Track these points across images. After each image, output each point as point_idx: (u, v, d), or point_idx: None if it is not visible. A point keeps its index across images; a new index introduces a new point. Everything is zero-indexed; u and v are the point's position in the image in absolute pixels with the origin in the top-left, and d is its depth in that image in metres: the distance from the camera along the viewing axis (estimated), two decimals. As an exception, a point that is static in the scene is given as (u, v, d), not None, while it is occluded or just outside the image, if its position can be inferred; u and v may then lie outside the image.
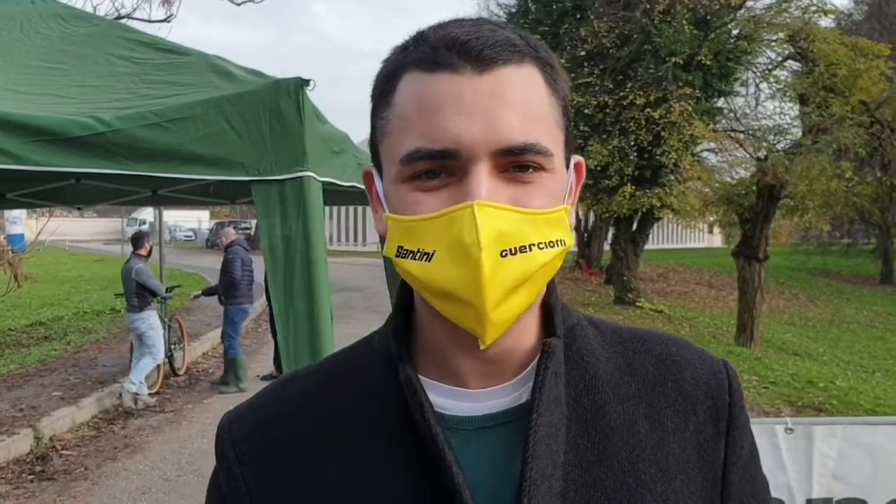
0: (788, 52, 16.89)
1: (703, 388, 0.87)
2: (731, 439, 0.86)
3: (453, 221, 0.73)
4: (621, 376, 0.86)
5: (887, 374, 13.64)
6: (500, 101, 0.73)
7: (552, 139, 0.77)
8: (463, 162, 0.73)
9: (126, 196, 6.55)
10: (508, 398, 0.82)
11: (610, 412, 0.83)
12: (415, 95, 0.76)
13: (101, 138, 2.81)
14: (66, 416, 7.75)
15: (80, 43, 3.91)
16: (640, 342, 0.90)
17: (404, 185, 0.77)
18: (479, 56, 0.74)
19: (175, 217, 49.62)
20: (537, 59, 0.78)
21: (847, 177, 14.12)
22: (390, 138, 0.78)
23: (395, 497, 0.79)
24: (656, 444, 0.83)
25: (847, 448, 2.73)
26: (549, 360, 0.81)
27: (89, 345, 11.93)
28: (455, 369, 0.82)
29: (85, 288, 20.49)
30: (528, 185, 0.75)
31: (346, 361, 0.90)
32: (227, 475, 0.86)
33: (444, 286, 0.74)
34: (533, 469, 0.76)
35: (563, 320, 0.86)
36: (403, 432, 0.80)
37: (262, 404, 0.90)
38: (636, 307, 18.11)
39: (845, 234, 34.47)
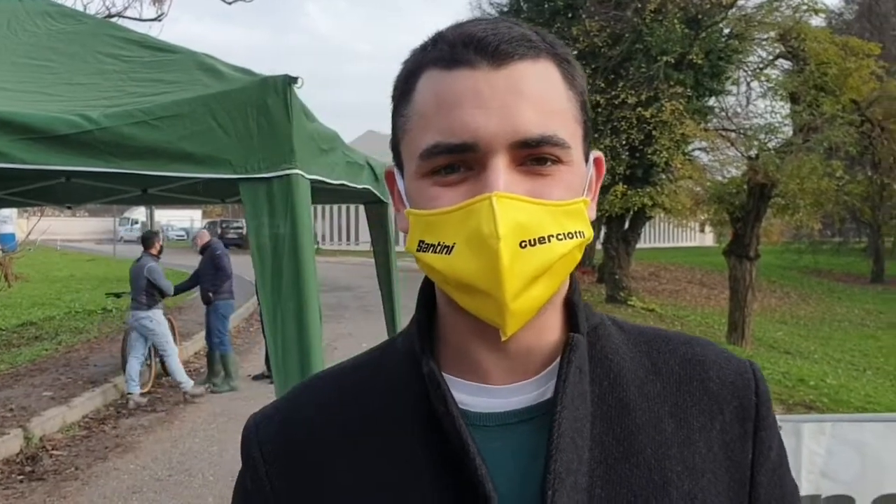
0: (779, 51, 16.96)
1: (729, 388, 0.86)
2: (759, 440, 0.86)
3: (472, 213, 0.74)
4: (646, 375, 0.86)
5: (878, 373, 13.72)
6: (516, 95, 0.75)
7: (569, 132, 0.78)
8: (481, 155, 0.75)
9: (116, 195, 6.50)
10: (532, 395, 0.82)
11: (635, 409, 0.83)
12: (433, 93, 0.77)
13: (89, 136, 2.79)
14: (57, 415, 7.72)
15: (68, 41, 3.89)
16: (664, 342, 0.91)
17: (424, 181, 0.78)
18: (495, 51, 0.75)
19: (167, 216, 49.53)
20: (554, 55, 0.80)
21: (838, 175, 14.20)
22: (410, 135, 0.80)
23: (418, 494, 0.79)
24: (682, 443, 0.82)
25: (835, 445, 2.75)
26: (573, 355, 0.81)
27: (80, 344, 11.88)
28: (477, 365, 0.83)
29: (76, 287, 20.40)
30: (546, 177, 0.77)
31: (370, 362, 0.92)
32: (253, 475, 0.87)
33: (464, 278, 0.75)
34: (558, 462, 0.76)
35: (586, 318, 0.87)
36: (426, 427, 0.81)
37: (289, 406, 0.91)
38: (628, 306, 18.15)
39: (836, 232, 34.60)
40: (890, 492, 2.73)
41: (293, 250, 2.83)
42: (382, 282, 5.60)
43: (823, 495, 2.74)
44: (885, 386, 12.11)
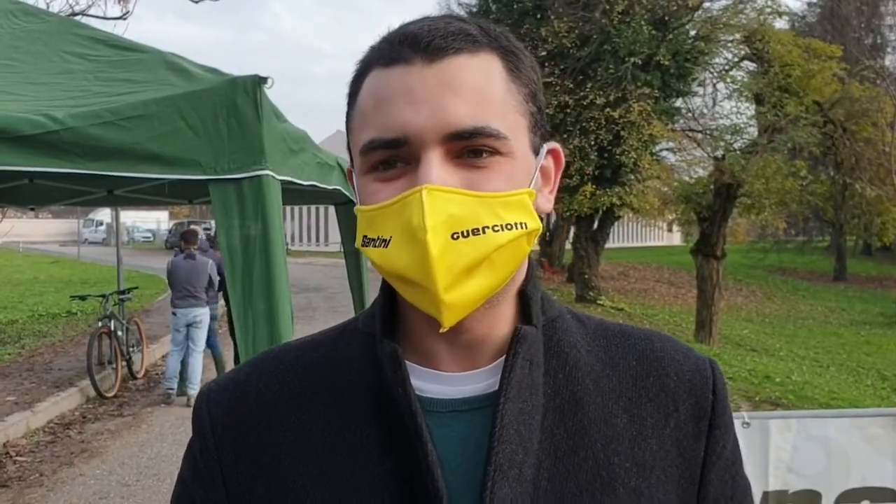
0: (744, 53, 17.22)
1: (686, 385, 0.86)
2: (713, 438, 0.86)
3: (405, 207, 0.74)
4: (602, 369, 0.86)
5: (841, 369, 13.97)
6: (447, 89, 0.75)
7: (508, 124, 0.77)
8: (415, 149, 0.75)
9: (81, 196, 6.41)
10: (483, 384, 0.82)
11: (588, 404, 0.83)
12: (372, 91, 0.79)
13: (54, 137, 2.75)
14: (21, 421, 7.57)
15: (32, 39, 3.82)
16: (623, 337, 0.91)
17: (367, 177, 0.79)
18: (427, 47, 0.76)
19: (133, 218, 48.84)
20: (497, 48, 0.79)
21: (802, 175, 14.42)
22: (354, 134, 0.82)
23: (365, 471, 0.80)
24: (633, 439, 0.82)
25: (801, 441, 2.79)
26: (520, 346, 0.81)
27: (44, 348, 11.68)
28: (431, 353, 0.83)
29: (40, 290, 20.05)
30: (482, 169, 0.76)
31: (328, 340, 0.91)
32: (202, 443, 0.87)
33: (399, 270, 0.76)
34: (499, 454, 0.76)
35: (543, 311, 0.87)
36: (379, 408, 0.82)
37: (242, 377, 0.90)
38: (597, 305, 18.28)
39: (800, 231, 35.17)
40: (855, 486, 2.78)
41: (264, 251, 2.82)
42: (353, 282, 5.58)
43: (790, 490, 2.78)
44: (848, 382, 12.34)
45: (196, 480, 0.87)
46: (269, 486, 0.83)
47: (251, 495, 0.84)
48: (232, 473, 0.85)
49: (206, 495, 0.86)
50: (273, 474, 0.83)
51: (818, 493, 2.78)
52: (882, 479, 2.79)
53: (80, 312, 14.99)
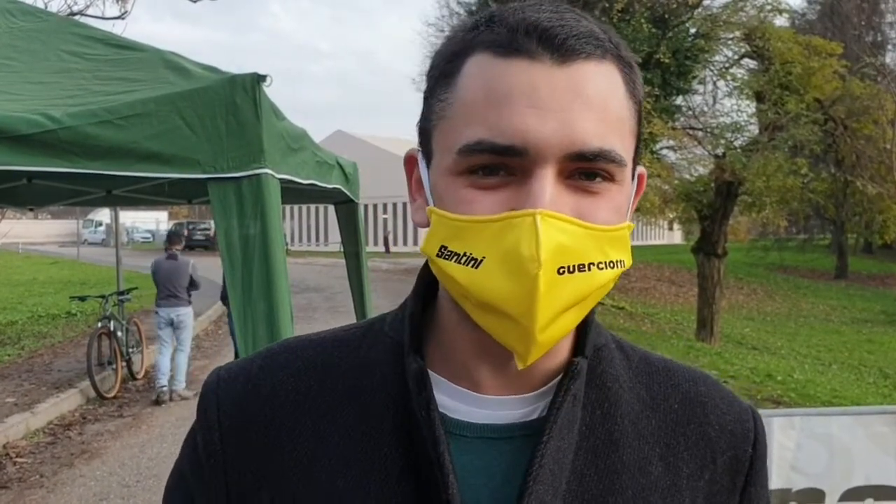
0: (745, 51, 17.17)
1: (727, 437, 0.82)
2: (747, 496, 0.82)
3: (511, 228, 0.66)
4: (642, 409, 0.80)
5: (843, 367, 13.96)
6: (578, 99, 0.67)
7: (626, 148, 0.70)
8: (528, 162, 0.67)
9: (80, 196, 6.40)
10: (519, 412, 0.76)
11: (624, 447, 0.77)
12: (483, 80, 0.68)
13: (52, 136, 2.73)
14: (21, 422, 7.56)
15: (29, 38, 3.80)
16: (667, 375, 0.84)
17: (458, 179, 0.69)
18: (562, 45, 0.67)
19: (132, 218, 48.85)
20: (618, 58, 0.71)
21: (803, 173, 14.41)
22: (449, 123, 0.71)
23: (381, 492, 0.73)
24: (667, 489, 0.77)
25: (804, 439, 2.78)
26: (572, 382, 0.75)
27: (44, 349, 11.66)
28: (471, 373, 0.76)
29: (39, 291, 20.05)
30: (594, 195, 0.69)
31: (352, 339, 0.84)
32: (206, 435, 0.81)
33: (490, 298, 0.67)
34: (532, 495, 0.71)
35: (594, 339, 0.81)
36: (399, 425, 0.75)
37: (256, 368, 0.83)
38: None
39: (801, 229, 35.15)
40: (858, 484, 2.77)
41: (263, 251, 2.80)
42: (353, 282, 5.56)
43: (794, 489, 2.77)
44: (850, 380, 12.32)
45: (196, 476, 0.82)
46: (273, 496, 0.77)
47: (254, 497, 0.78)
48: (236, 476, 0.79)
49: (207, 494, 0.81)
50: (280, 484, 0.77)
51: (822, 491, 2.77)
52: (886, 477, 2.79)
53: (79, 313, 14.98)
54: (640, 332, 14.96)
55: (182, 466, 0.84)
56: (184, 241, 9.57)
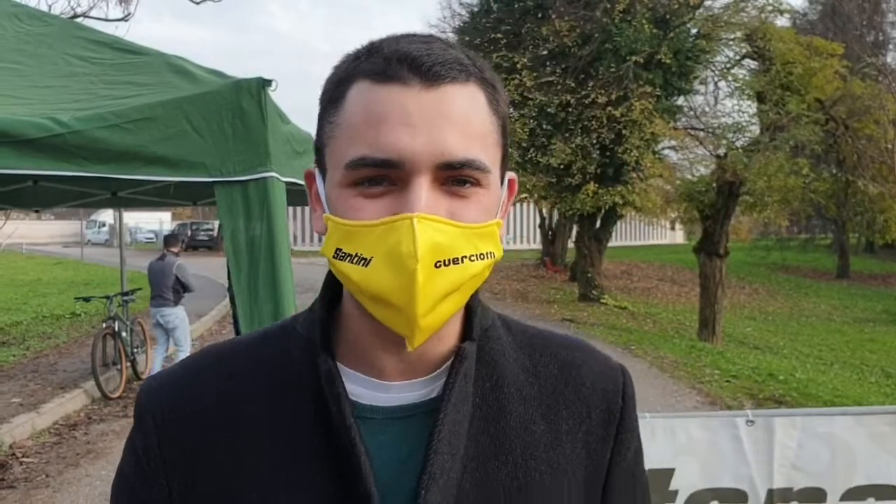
0: (746, 51, 17.17)
1: (599, 393, 0.93)
2: (619, 441, 0.93)
3: (392, 231, 0.76)
4: (526, 378, 0.92)
5: (845, 366, 13.95)
6: (444, 118, 0.77)
7: (490, 157, 0.81)
8: (405, 173, 0.77)
9: (85, 198, 6.44)
10: (420, 392, 0.87)
11: (511, 412, 0.89)
12: (363, 105, 0.79)
13: (60, 140, 2.76)
14: (26, 422, 7.59)
15: (36, 42, 3.83)
16: (545, 345, 0.96)
17: (348, 190, 0.80)
18: (428, 72, 0.77)
19: (136, 219, 48.85)
20: (481, 80, 0.82)
21: (804, 173, 14.39)
22: (337, 143, 0.81)
23: (302, 476, 0.83)
24: (550, 444, 0.89)
25: (806, 439, 2.79)
26: (461, 364, 0.86)
27: (49, 350, 11.69)
28: (375, 363, 0.86)
29: (43, 292, 20.07)
30: (464, 199, 0.79)
31: (269, 341, 0.93)
32: (144, 441, 0.89)
33: (378, 292, 0.77)
34: (434, 464, 0.81)
35: (479, 322, 0.91)
36: (317, 415, 0.84)
37: (183, 375, 0.92)
38: (600, 304, 18.28)
39: (803, 229, 35.11)
40: (860, 483, 2.79)
41: (269, 253, 2.83)
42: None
43: (795, 488, 2.79)
44: (852, 379, 12.33)
45: (138, 476, 0.90)
46: (209, 484, 0.85)
47: (193, 493, 0.86)
48: (174, 470, 0.87)
49: (149, 492, 0.88)
50: (214, 473, 0.85)
51: (823, 490, 2.79)
52: (887, 477, 2.80)
53: (84, 314, 15.01)
54: (643, 332, 14.97)
55: (125, 469, 0.92)
56: (181, 243, 9.62)
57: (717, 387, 9.63)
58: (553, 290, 21.74)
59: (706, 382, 9.88)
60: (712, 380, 10.05)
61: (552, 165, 16.65)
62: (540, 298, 20.05)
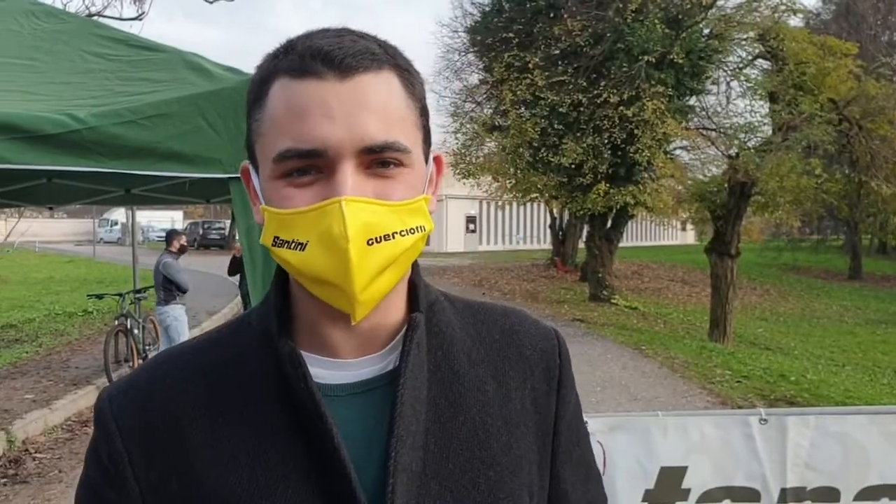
0: (759, 51, 17.10)
1: (538, 353, 1.01)
2: (561, 396, 1.01)
3: (323, 215, 0.80)
4: (472, 343, 0.98)
5: (856, 368, 13.87)
6: (360, 106, 0.81)
7: (410, 138, 0.85)
8: (330, 160, 0.81)
9: (99, 195, 6.47)
10: (377, 367, 0.91)
11: (463, 375, 0.95)
12: (284, 100, 0.83)
13: (76, 136, 2.78)
14: (39, 418, 7.64)
15: (53, 39, 3.86)
16: (486, 314, 1.03)
17: (279, 181, 0.84)
18: (340, 64, 0.81)
19: (148, 217, 49.12)
20: (395, 66, 0.86)
21: (816, 174, 14.31)
22: (264, 139, 0.85)
23: (276, 462, 0.86)
24: (501, 401, 0.95)
25: (819, 438, 2.78)
26: (414, 333, 0.91)
27: (61, 347, 11.77)
28: (329, 343, 0.90)
29: (56, 289, 20.20)
30: (389, 179, 0.84)
31: (224, 338, 0.97)
32: (110, 447, 0.90)
33: (316, 273, 0.82)
34: (400, 427, 0.86)
35: (425, 297, 0.96)
36: (282, 400, 0.88)
37: (144, 379, 0.94)
38: (611, 304, 18.24)
39: (815, 230, 34.94)
40: (874, 483, 2.77)
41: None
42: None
43: (809, 487, 2.78)
44: (864, 381, 12.25)
45: (106, 482, 0.90)
46: (182, 481, 0.87)
47: (165, 491, 0.87)
48: (143, 472, 0.88)
49: (118, 496, 0.89)
50: (186, 469, 0.87)
51: (837, 489, 2.77)
52: (901, 477, 2.78)
53: (96, 311, 15.10)
54: (653, 333, 14.93)
55: (91, 479, 0.93)
56: (179, 242, 9.55)
57: (728, 387, 9.60)
58: (563, 291, 21.71)
59: (717, 383, 9.85)
60: (723, 380, 10.01)
61: (563, 165, 16.63)
62: (550, 298, 20.02)
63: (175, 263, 9.18)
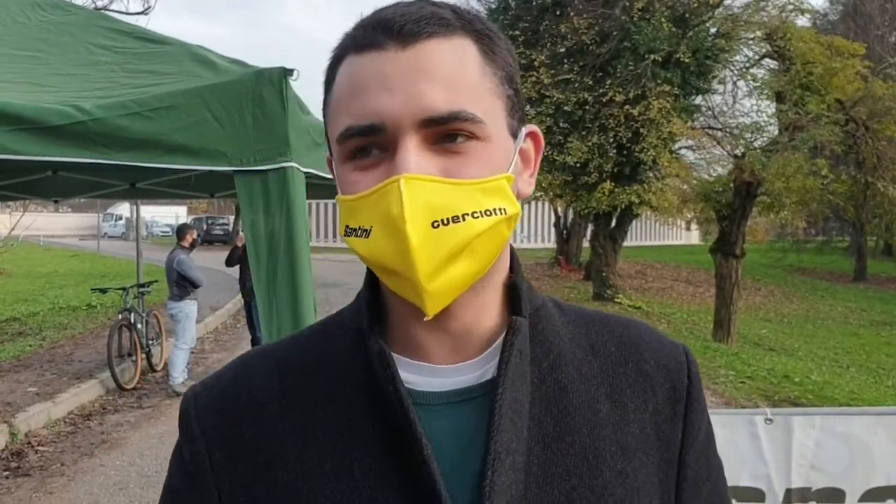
0: (765, 51, 17.05)
1: (662, 371, 0.89)
2: (689, 422, 0.89)
3: (383, 196, 0.74)
4: (584, 356, 0.88)
5: (861, 369, 13.84)
6: (421, 74, 0.74)
7: (484, 107, 0.77)
8: (391, 136, 0.75)
9: (104, 189, 6.47)
10: (474, 375, 0.83)
11: (573, 391, 0.85)
12: (348, 76, 0.78)
13: (82, 127, 2.77)
14: (42, 411, 7.66)
15: (59, 31, 3.86)
16: (602, 324, 0.92)
17: (345, 165, 0.79)
18: (399, 31, 0.75)
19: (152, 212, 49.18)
20: (471, 31, 0.79)
21: (823, 174, 14.27)
22: (330, 122, 0.81)
23: (361, 475, 0.79)
24: (617, 423, 0.84)
25: (824, 438, 2.76)
26: (515, 338, 0.82)
27: (65, 340, 11.80)
28: (420, 344, 0.83)
29: (60, 283, 20.25)
30: (460, 154, 0.76)
31: (314, 335, 0.91)
32: (191, 448, 0.86)
33: (381, 261, 0.76)
34: (497, 443, 0.77)
35: (528, 301, 0.87)
36: (372, 405, 0.81)
37: (229, 378, 0.90)
38: (615, 303, 18.21)
39: (820, 231, 34.84)
40: (879, 484, 2.76)
41: (288, 244, 2.83)
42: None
43: (814, 488, 2.76)
44: (868, 382, 12.22)
45: (187, 486, 0.87)
46: (268, 486, 0.82)
47: (249, 497, 0.83)
48: (225, 476, 0.84)
49: (199, 498, 0.85)
50: (271, 474, 0.82)
51: (842, 490, 2.76)
52: (907, 478, 2.77)
53: (99, 305, 15.13)
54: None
55: (173, 483, 0.89)
56: (191, 236, 9.55)
57: (732, 388, 9.57)
58: (567, 290, 21.68)
59: (721, 383, 9.82)
60: (727, 381, 9.99)
61: (568, 164, 16.60)
62: (554, 297, 19.98)
63: (189, 260, 9.20)
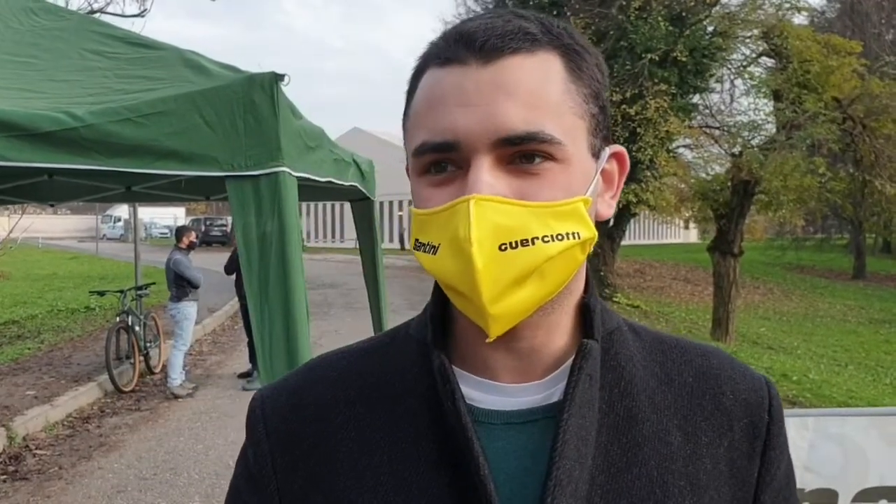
0: (762, 49, 17.04)
1: (741, 405, 0.85)
2: (767, 459, 0.85)
3: (452, 216, 0.73)
4: (658, 385, 0.85)
5: (859, 367, 13.85)
6: (501, 91, 0.72)
7: (565, 127, 0.75)
8: (465, 154, 0.73)
9: (100, 193, 6.46)
10: (539, 396, 0.81)
11: (643, 420, 0.82)
12: (427, 90, 0.77)
13: (74, 133, 2.77)
14: (40, 415, 7.66)
15: (52, 37, 3.85)
16: (680, 352, 0.89)
17: (420, 179, 0.78)
18: (482, 47, 0.74)
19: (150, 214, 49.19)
20: (558, 46, 0.77)
21: (820, 172, 14.27)
22: (409, 134, 0.80)
23: (419, 484, 0.78)
24: (688, 457, 0.81)
25: (818, 439, 2.77)
26: (584, 362, 0.80)
27: (63, 343, 11.80)
28: (486, 362, 0.82)
29: (59, 286, 20.24)
30: (536, 176, 0.74)
31: (381, 346, 0.91)
32: (256, 450, 0.87)
33: (446, 279, 0.75)
34: (559, 469, 0.75)
35: (602, 323, 0.85)
36: (433, 419, 0.80)
37: (297, 383, 0.90)
38: (613, 302, 18.21)
39: (819, 229, 34.86)
40: (872, 485, 2.76)
41: (280, 248, 2.83)
42: (369, 279, 5.60)
43: (807, 489, 2.77)
44: (867, 381, 12.23)
45: (250, 487, 0.87)
46: (327, 496, 0.82)
47: (304, 501, 0.83)
48: (286, 481, 0.84)
49: (259, 500, 0.86)
50: (330, 484, 0.82)
51: (835, 491, 2.76)
52: (900, 479, 2.77)
53: (98, 308, 15.14)
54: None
55: (237, 483, 0.90)
56: (190, 238, 9.54)
57: (730, 387, 9.57)
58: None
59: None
60: (725, 380, 9.99)
61: (566, 163, 16.57)
62: (552, 296, 19.97)
63: (186, 260, 9.21)
